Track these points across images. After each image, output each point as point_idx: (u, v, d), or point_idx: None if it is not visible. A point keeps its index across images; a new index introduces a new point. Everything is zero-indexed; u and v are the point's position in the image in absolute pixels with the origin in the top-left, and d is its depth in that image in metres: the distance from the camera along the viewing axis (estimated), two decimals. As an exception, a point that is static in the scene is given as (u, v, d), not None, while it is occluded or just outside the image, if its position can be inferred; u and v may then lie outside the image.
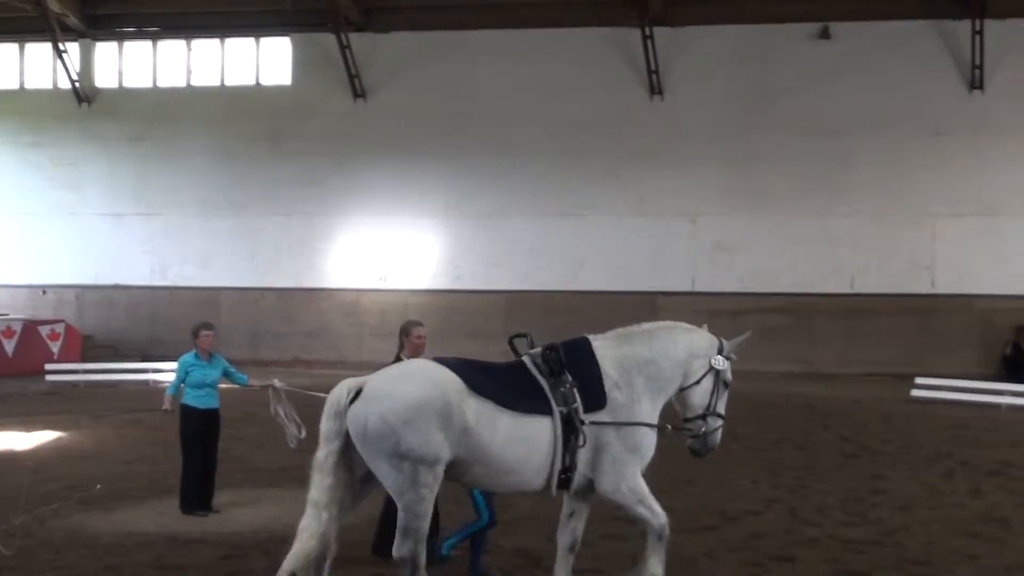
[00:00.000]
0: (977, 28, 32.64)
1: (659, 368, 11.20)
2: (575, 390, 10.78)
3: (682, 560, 12.81)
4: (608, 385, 10.92)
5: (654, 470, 12.17)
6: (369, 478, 10.55)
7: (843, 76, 33.95)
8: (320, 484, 10.40)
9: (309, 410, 23.12)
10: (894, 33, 33.86)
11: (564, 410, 10.69)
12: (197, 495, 15.32)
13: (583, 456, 10.69)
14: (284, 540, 13.69)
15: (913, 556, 13.18)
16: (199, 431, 15.39)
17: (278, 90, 37.16)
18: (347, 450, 10.39)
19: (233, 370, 15.72)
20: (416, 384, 10.42)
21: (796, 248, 33.68)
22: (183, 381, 15.42)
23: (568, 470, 10.68)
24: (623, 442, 10.94)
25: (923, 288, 33.62)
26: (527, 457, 10.65)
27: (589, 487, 10.90)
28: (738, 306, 32.92)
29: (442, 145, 35.66)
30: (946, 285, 33.50)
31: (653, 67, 34.50)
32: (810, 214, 33.97)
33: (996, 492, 16.73)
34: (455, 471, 10.50)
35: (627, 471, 10.97)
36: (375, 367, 31.67)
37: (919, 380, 28.29)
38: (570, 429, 10.64)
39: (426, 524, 10.28)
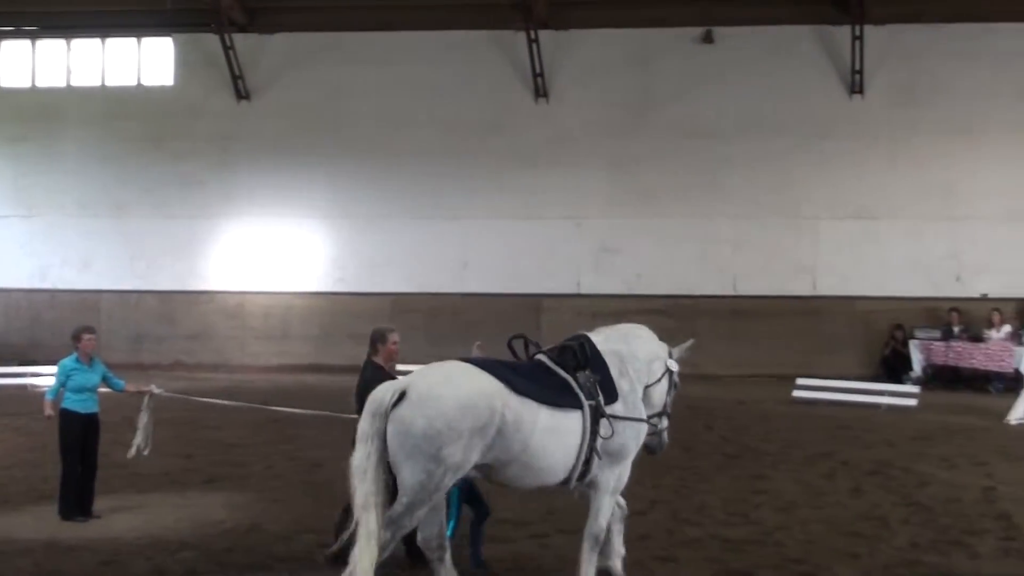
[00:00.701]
0: (857, 34, 33.04)
1: (638, 366, 12.08)
2: (596, 384, 11.58)
3: (566, 562, 12.87)
4: (615, 379, 11.77)
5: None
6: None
7: (726, 80, 34.23)
8: (363, 486, 10.76)
9: (187, 414, 23.10)
10: (776, 38, 34.18)
11: (592, 403, 11.48)
12: (77, 501, 15.17)
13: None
14: (165, 546, 13.67)
15: (794, 555, 13.37)
16: (80, 436, 15.26)
17: (160, 91, 36.74)
18: (386, 451, 10.79)
19: (111, 375, 15.60)
20: (463, 390, 10.87)
21: (679, 250, 33.92)
22: (63, 385, 15.24)
23: (588, 461, 11.47)
24: (629, 433, 11.79)
25: (805, 290, 33.97)
26: (559, 450, 11.33)
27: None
28: (622, 308, 32.93)
29: (326, 147, 35.49)
30: (827, 287, 33.88)
31: (538, 70, 34.57)
32: (693, 217, 34.20)
33: (875, 491, 17.00)
34: (488, 472, 11.22)
35: (627, 461, 11.91)
36: (257, 370, 31.76)
37: (800, 381, 28.56)
38: (595, 421, 11.42)
39: (413, 523, 10.92)
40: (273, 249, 35.80)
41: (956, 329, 31.56)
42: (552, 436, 11.21)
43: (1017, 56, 33.19)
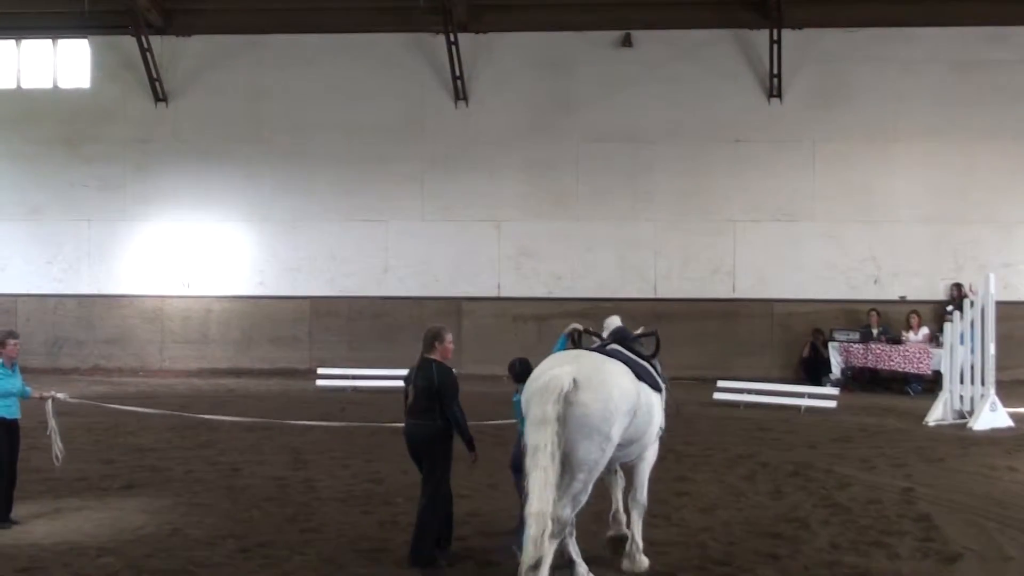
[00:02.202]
0: (775, 38, 33.25)
1: None
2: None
3: (485, 564, 12.89)
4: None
5: (459, 476, 12.53)
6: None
7: (644, 84, 34.36)
8: (545, 467, 11.48)
9: (106, 419, 22.89)
10: (694, 42, 34.36)
11: (665, 386, 13.25)
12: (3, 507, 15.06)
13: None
14: (84, 552, 13.53)
15: (716, 557, 13.46)
16: (5, 442, 15.12)
17: (76, 93, 36.35)
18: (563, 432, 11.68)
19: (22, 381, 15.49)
20: (623, 378, 12.23)
21: (598, 254, 34.02)
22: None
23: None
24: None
25: (724, 292, 34.16)
26: (653, 429, 12.97)
27: None
28: (542, 311, 33.21)
29: (244, 150, 35.31)
30: (746, 289, 34.09)
31: (458, 73, 34.54)
32: (613, 220, 34.31)
33: (796, 493, 17.12)
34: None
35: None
36: (176, 374, 31.49)
37: (721, 383, 28.72)
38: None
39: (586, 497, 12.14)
40: (192, 252, 35.52)
41: (875, 331, 31.82)
42: (651, 417, 12.72)
43: (932, 61, 33.57)
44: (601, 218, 34.32)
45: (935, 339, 30.53)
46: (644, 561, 13.03)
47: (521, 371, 13.55)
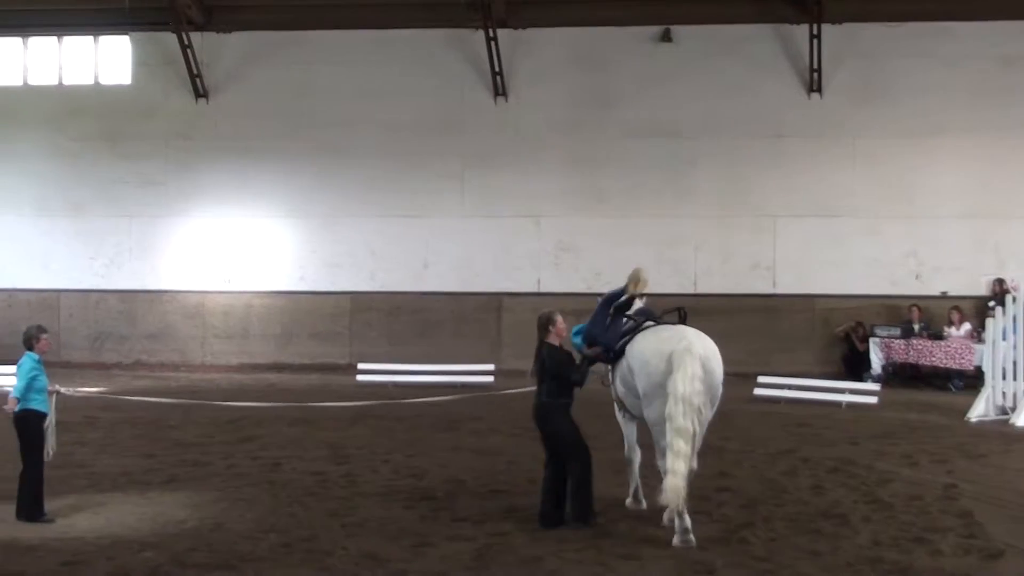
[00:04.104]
0: (815, 32, 33.13)
1: None
2: None
3: (529, 559, 12.90)
4: None
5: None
6: None
7: (684, 79, 34.29)
8: (695, 419, 13.74)
9: (148, 414, 23.05)
10: (734, 37, 34.26)
11: None
12: (38, 500, 15.16)
13: None
14: (127, 546, 13.60)
15: (757, 553, 13.41)
16: (41, 437, 15.26)
17: (117, 89, 36.52)
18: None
19: None
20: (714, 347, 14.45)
21: (638, 249, 33.71)
22: (28, 386, 15.20)
23: None
24: None
25: (765, 288, 34.07)
26: None
27: None
28: (582, 306, 32.93)
29: (284, 146, 35.38)
30: (786, 285, 33.99)
31: (497, 69, 34.54)
32: (652, 215, 34.25)
33: (836, 489, 17.04)
34: None
35: None
36: (218, 369, 31.67)
37: (761, 379, 28.66)
38: None
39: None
40: (233, 248, 35.65)
41: (917, 327, 31.64)
42: None
43: (972, 55, 33.35)
44: (641, 213, 34.26)
45: (977, 335, 30.38)
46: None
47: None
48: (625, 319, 15.37)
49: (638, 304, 15.59)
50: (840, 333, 32.91)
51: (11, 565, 12.87)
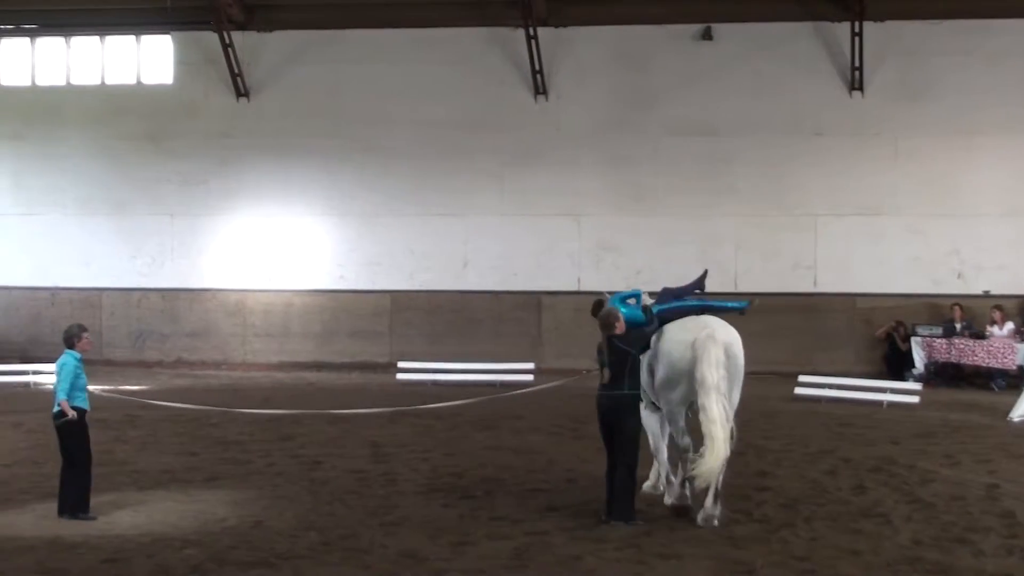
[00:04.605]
0: (856, 30, 32.98)
1: None
2: None
3: (567, 558, 12.91)
4: None
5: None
6: None
7: (725, 77, 34.19)
8: (724, 405, 14.61)
9: (188, 412, 23.18)
10: (775, 35, 34.15)
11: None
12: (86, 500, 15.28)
13: None
14: (168, 543, 13.69)
15: (798, 552, 13.39)
16: (84, 434, 15.38)
17: (159, 89, 36.68)
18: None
19: None
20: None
21: (679, 248, 33.71)
22: (73, 385, 15.29)
23: None
24: None
25: (805, 287, 33.94)
26: None
27: None
28: (623, 305, 33.05)
29: (325, 145, 35.45)
30: (828, 284, 33.85)
31: (537, 67, 34.52)
32: (693, 214, 34.17)
33: (878, 488, 16.99)
34: None
35: None
36: (258, 367, 31.85)
37: (802, 378, 28.57)
38: None
39: None
40: (273, 247, 35.76)
41: (959, 326, 31.46)
42: None
43: (1015, 53, 33.13)
44: (681, 212, 34.20)
45: (1020, 334, 30.23)
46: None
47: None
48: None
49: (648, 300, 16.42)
50: (881, 335, 32.76)
51: (54, 562, 12.96)
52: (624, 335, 14.91)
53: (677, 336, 15.22)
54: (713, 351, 14.67)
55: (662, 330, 15.47)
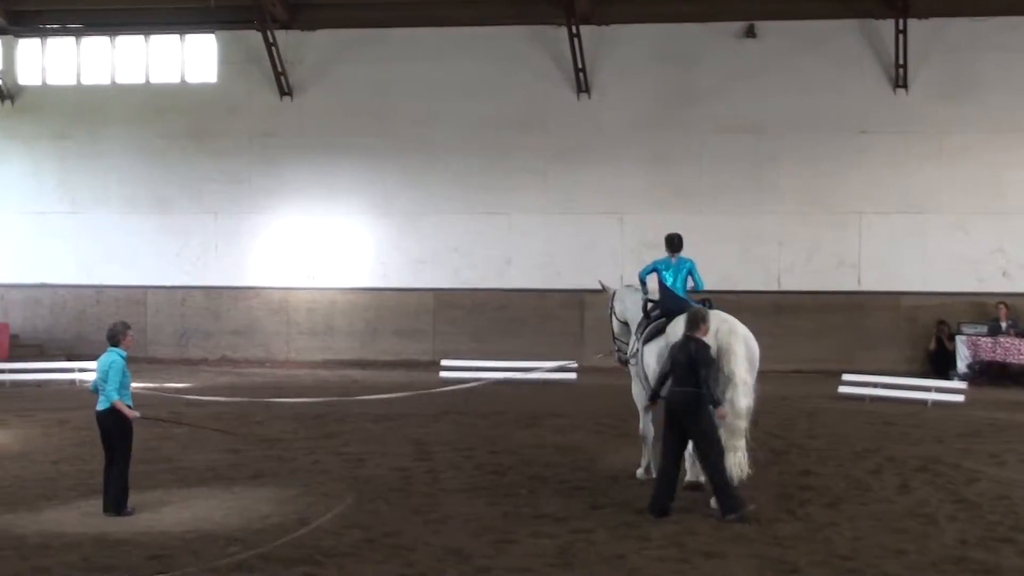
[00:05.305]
0: (900, 27, 32.86)
1: None
2: None
3: (611, 557, 12.89)
4: None
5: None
6: None
7: (768, 75, 34.12)
8: (750, 396, 15.16)
9: (232, 409, 23.21)
10: (819, 32, 34.06)
11: None
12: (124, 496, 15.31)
13: None
14: (213, 540, 13.73)
15: (841, 551, 13.30)
16: (126, 432, 15.42)
17: (203, 87, 36.88)
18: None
19: None
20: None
21: (722, 246, 33.57)
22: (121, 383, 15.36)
23: None
24: None
25: (849, 285, 33.84)
26: None
27: None
28: (665, 304, 33.00)
29: (368, 143, 35.56)
30: (872, 282, 33.73)
31: (580, 65, 34.52)
32: (736, 212, 34.11)
33: (923, 488, 16.86)
34: None
35: None
36: (302, 365, 31.93)
37: (846, 376, 28.40)
38: None
39: None
40: (316, 245, 35.88)
41: (1004, 324, 31.29)
42: None
43: (1060, 50, 33.05)
44: (724, 210, 34.13)
45: (1066, 332, 30.07)
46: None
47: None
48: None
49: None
50: (933, 347, 32.52)
51: (101, 559, 13.01)
52: (698, 341, 15.07)
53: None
54: (737, 347, 15.21)
55: (675, 321, 16.01)
